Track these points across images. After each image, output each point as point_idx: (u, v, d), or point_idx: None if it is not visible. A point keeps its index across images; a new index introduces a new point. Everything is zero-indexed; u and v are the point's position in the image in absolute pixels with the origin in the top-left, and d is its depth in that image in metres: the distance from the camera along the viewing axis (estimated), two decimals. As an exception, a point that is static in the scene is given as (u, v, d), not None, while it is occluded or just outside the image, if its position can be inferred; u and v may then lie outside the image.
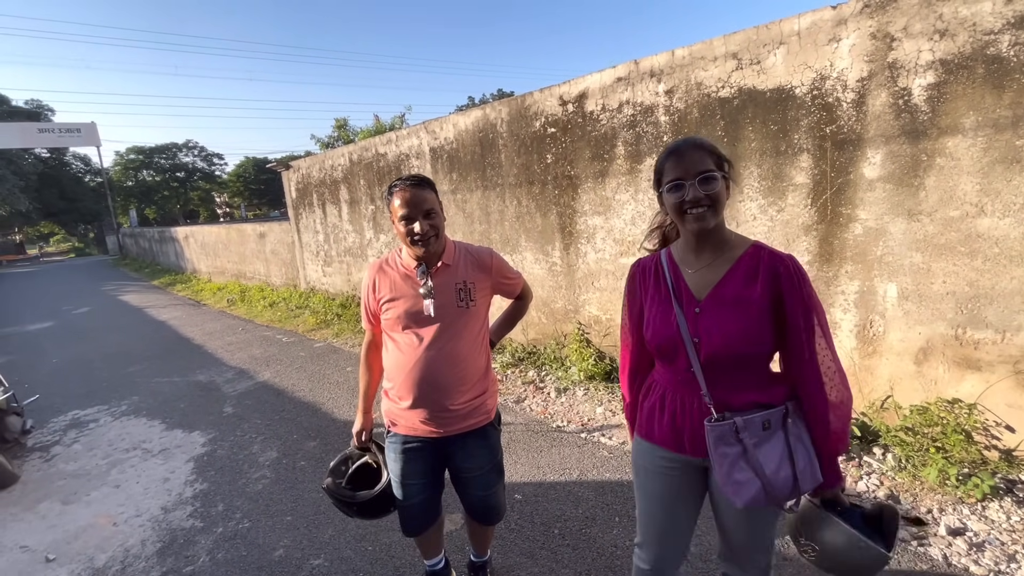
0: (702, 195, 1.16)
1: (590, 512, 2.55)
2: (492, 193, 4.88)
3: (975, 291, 2.49)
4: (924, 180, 2.54)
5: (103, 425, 4.18)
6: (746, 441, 1.17)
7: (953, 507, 2.38)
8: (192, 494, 3.03)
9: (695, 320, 1.23)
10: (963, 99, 2.39)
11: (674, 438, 1.31)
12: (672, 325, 1.26)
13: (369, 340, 1.88)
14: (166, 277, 14.98)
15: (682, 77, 3.33)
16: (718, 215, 1.20)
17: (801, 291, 1.19)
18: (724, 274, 1.23)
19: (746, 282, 1.21)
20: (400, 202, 1.59)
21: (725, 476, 1.19)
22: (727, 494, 1.21)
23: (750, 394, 1.23)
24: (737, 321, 1.19)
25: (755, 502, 1.19)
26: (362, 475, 1.92)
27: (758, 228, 3.15)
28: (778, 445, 1.19)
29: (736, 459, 1.18)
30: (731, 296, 1.21)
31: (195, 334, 7.28)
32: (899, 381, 2.80)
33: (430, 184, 1.67)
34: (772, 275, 1.19)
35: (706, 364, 1.22)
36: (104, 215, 34.52)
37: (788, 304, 1.18)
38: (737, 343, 1.19)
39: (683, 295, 1.27)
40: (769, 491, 1.17)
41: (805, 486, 1.20)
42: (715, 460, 1.20)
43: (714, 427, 1.19)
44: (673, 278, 1.30)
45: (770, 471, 1.17)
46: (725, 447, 1.18)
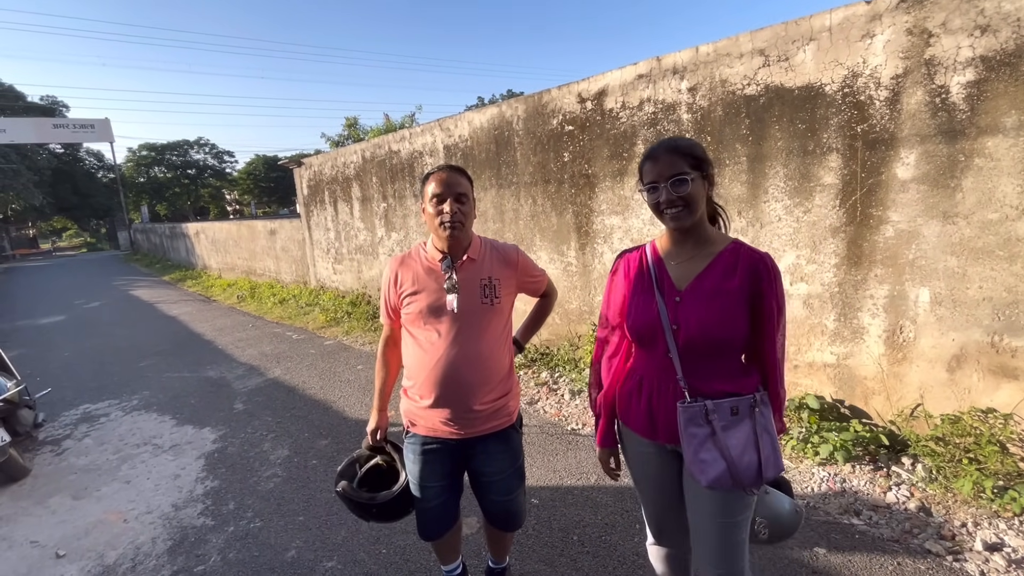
0: (675, 196, 1.24)
1: (609, 519, 2.48)
2: (507, 192, 4.82)
3: (1014, 297, 2.39)
4: (961, 181, 2.45)
5: (114, 420, 4.16)
6: (715, 423, 1.24)
7: (989, 521, 2.29)
8: (203, 491, 2.99)
9: (675, 308, 1.30)
10: (1005, 97, 2.30)
11: (649, 423, 1.38)
12: (653, 312, 1.33)
13: (387, 335, 1.82)
14: (177, 273, 15.06)
15: (706, 74, 3.26)
16: (694, 214, 1.27)
17: (775, 288, 1.28)
18: (704, 267, 1.30)
19: (725, 275, 1.28)
20: (435, 183, 1.57)
21: (692, 455, 1.26)
22: (693, 472, 1.27)
23: (721, 383, 1.29)
24: (715, 310, 1.26)
25: (719, 482, 1.24)
26: (373, 478, 1.85)
27: (783, 229, 3.06)
28: (744, 431, 1.26)
29: (704, 439, 1.25)
30: (710, 287, 1.28)
31: (205, 330, 7.28)
32: (930, 389, 2.70)
33: (466, 173, 1.64)
34: (751, 271, 1.27)
35: (683, 350, 1.29)
36: (116, 211, 34.83)
37: (766, 299, 1.26)
38: (713, 330, 1.26)
39: (665, 285, 1.34)
40: (734, 473, 1.23)
41: (768, 473, 1.26)
42: (684, 440, 1.27)
43: (686, 408, 1.26)
44: (656, 269, 1.37)
45: (735, 454, 1.23)
46: (694, 428, 1.25)
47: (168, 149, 43.54)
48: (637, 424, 1.42)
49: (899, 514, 2.41)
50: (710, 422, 1.25)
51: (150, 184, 42.96)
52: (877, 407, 2.90)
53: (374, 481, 1.84)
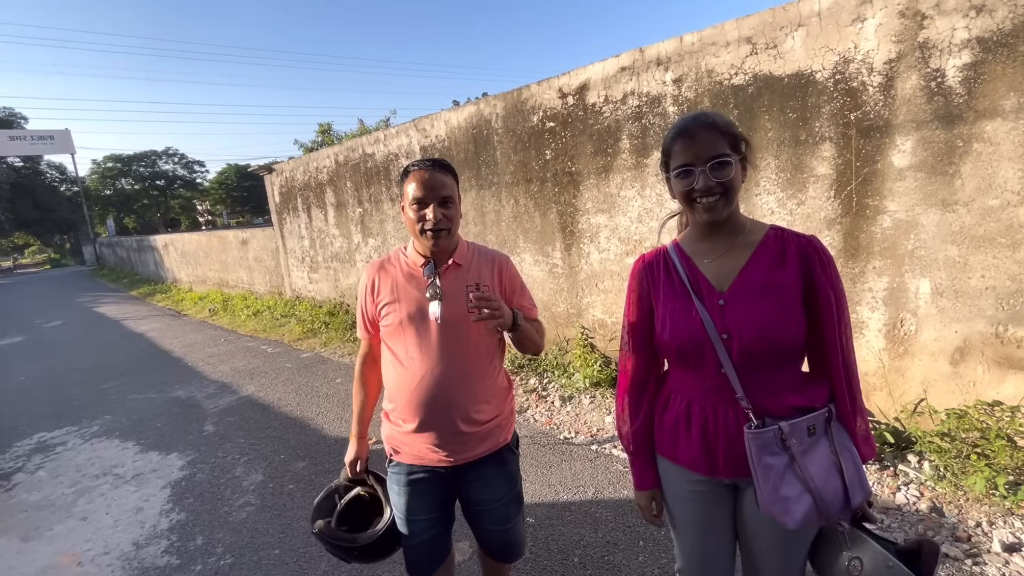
0: (714, 183, 1.05)
1: (611, 536, 2.33)
2: (487, 192, 4.65)
3: (1018, 285, 2.31)
4: (960, 167, 2.37)
5: (71, 448, 3.85)
6: (794, 449, 1.03)
7: (1004, 519, 2.20)
8: (168, 526, 2.74)
9: (721, 314, 1.09)
10: (1003, 79, 2.22)
11: (706, 457, 1.15)
12: (694, 322, 1.11)
13: (365, 352, 1.64)
14: (145, 287, 14.48)
15: (691, 64, 3.14)
16: (731, 203, 1.08)
17: (830, 274, 1.09)
18: (748, 260, 1.10)
19: (774, 266, 1.08)
20: (416, 184, 1.37)
21: (771, 492, 1.03)
22: (773, 514, 1.04)
23: (790, 397, 1.08)
24: (770, 309, 1.06)
25: (808, 520, 1.02)
26: (355, 511, 1.66)
27: (777, 223, 2.95)
28: (824, 453, 1.05)
29: (784, 471, 1.03)
30: (759, 282, 1.08)
31: (174, 346, 6.93)
32: (933, 383, 2.62)
33: (451, 169, 1.44)
34: (802, 256, 1.08)
35: (740, 363, 1.07)
36: (81, 225, 33.56)
37: (820, 289, 1.07)
38: (774, 334, 1.05)
39: (702, 287, 1.13)
40: (821, 506, 1.02)
41: (856, 498, 1.05)
42: (759, 474, 1.04)
43: (756, 435, 1.03)
44: (687, 270, 1.15)
45: (820, 483, 1.02)
46: (770, 457, 1.03)
47: (135, 160, 42.22)
48: (689, 459, 1.17)
49: (911, 516, 2.31)
50: (788, 448, 1.03)
51: (116, 196, 41.59)
52: (879, 403, 2.81)
53: (356, 515, 1.65)
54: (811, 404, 1.09)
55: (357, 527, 1.62)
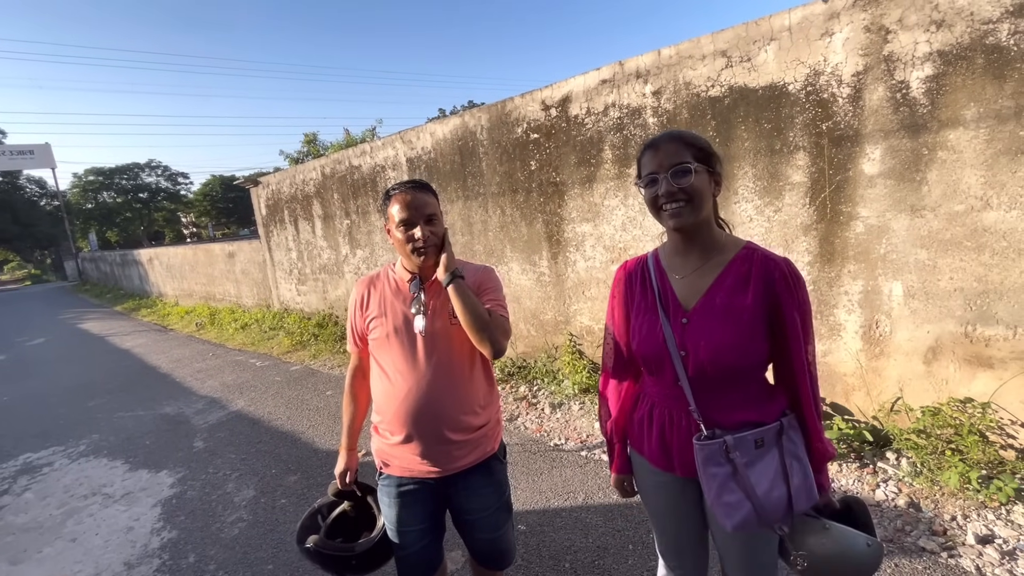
0: (675, 188, 1.10)
1: (601, 541, 2.37)
2: (474, 203, 4.70)
3: (984, 287, 2.41)
4: (926, 174, 2.47)
5: (58, 469, 3.81)
6: (737, 461, 1.09)
7: (977, 512, 2.28)
8: (159, 544, 2.73)
9: (682, 331, 1.15)
10: (963, 90, 2.33)
11: (663, 455, 1.25)
12: (658, 336, 1.18)
13: (355, 365, 1.68)
14: (130, 302, 14.29)
15: (669, 77, 3.23)
16: (697, 211, 1.12)
17: (797, 296, 1.12)
18: (714, 280, 1.15)
19: (737, 289, 1.13)
20: (400, 206, 1.43)
21: (715, 498, 1.12)
22: (716, 516, 1.14)
23: (741, 412, 1.15)
24: (727, 332, 1.11)
25: (745, 526, 1.11)
26: (340, 528, 1.68)
27: (755, 229, 3.05)
28: (772, 463, 1.11)
29: (726, 480, 1.10)
30: (721, 305, 1.13)
31: (161, 362, 6.86)
32: (908, 382, 2.71)
33: (431, 189, 1.52)
34: (766, 281, 1.11)
35: (694, 379, 1.14)
36: (62, 239, 33.02)
37: (786, 311, 1.10)
38: (727, 356, 1.11)
39: (670, 304, 1.19)
40: (761, 513, 1.10)
41: (800, 505, 1.12)
42: (704, 480, 1.13)
43: (703, 446, 1.11)
44: (660, 284, 1.22)
45: (762, 492, 1.09)
46: (714, 467, 1.11)
47: (117, 173, 41.76)
48: (651, 454, 1.28)
49: (890, 512, 2.38)
50: (731, 460, 1.09)
51: (99, 210, 41.04)
52: (858, 403, 2.90)
53: (341, 532, 1.67)
54: (762, 419, 1.14)
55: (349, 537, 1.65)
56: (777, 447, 1.12)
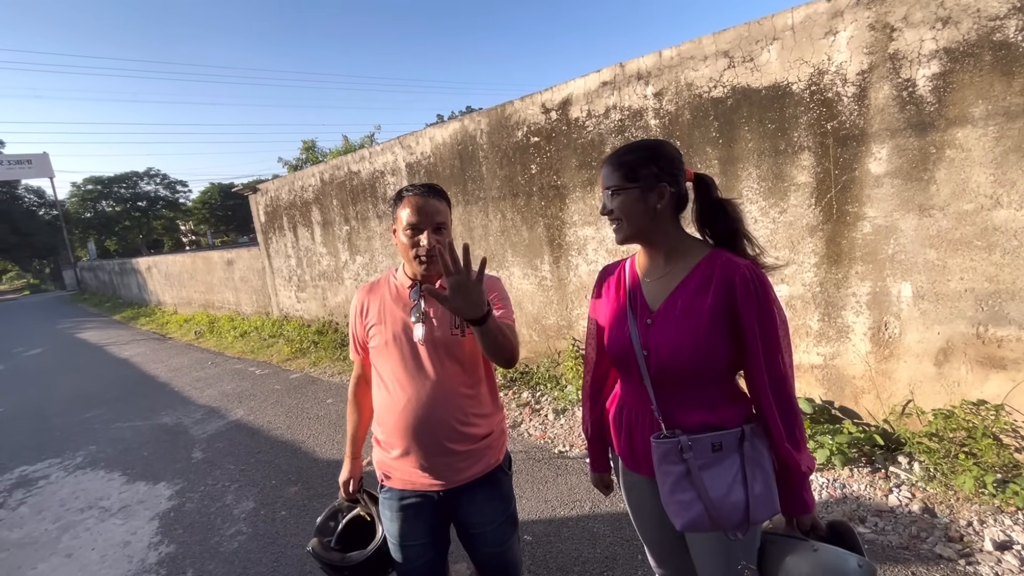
0: (610, 208, 1.19)
1: (609, 551, 2.31)
2: (474, 208, 4.66)
3: (995, 286, 2.37)
4: (934, 173, 2.43)
5: (55, 482, 3.75)
6: (691, 462, 1.11)
7: (994, 518, 2.23)
8: (157, 559, 2.67)
9: (646, 332, 1.19)
10: (971, 88, 2.29)
11: (631, 455, 1.29)
12: (625, 336, 1.22)
13: (358, 374, 1.65)
14: (128, 311, 14.23)
15: (671, 78, 3.20)
16: (627, 228, 1.19)
17: (758, 300, 1.09)
18: (678, 284, 1.17)
19: (698, 292, 1.14)
20: (410, 210, 1.38)
21: (668, 495, 1.14)
22: (668, 513, 1.15)
23: (699, 414, 1.16)
24: (684, 334, 1.12)
25: (696, 525, 1.11)
26: (355, 530, 1.67)
27: (760, 231, 3.01)
28: (731, 468, 1.11)
29: (679, 478, 1.12)
30: (682, 307, 1.15)
31: (160, 371, 6.80)
32: (919, 384, 2.66)
33: (445, 197, 1.46)
34: (725, 284, 1.11)
35: (655, 378, 1.17)
36: (61, 249, 32.98)
37: (744, 315, 1.09)
38: (684, 357, 1.12)
39: (638, 305, 1.23)
40: (713, 515, 1.10)
41: (758, 515, 1.10)
42: (659, 477, 1.15)
43: (659, 443, 1.14)
44: (632, 287, 1.26)
45: (716, 495, 1.09)
46: (668, 465, 1.13)
47: (116, 182, 41.75)
48: (623, 455, 1.33)
49: (904, 518, 2.33)
50: (685, 460, 1.11)
51: (97, 219, 41.00)
52: (868, 406, 2.85)
53: (356, 535, 1.65)
54: (721, 423, 1.14)
55: (357, 547, 1.62)
56: (739, 453, 1.11)
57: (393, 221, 1.45)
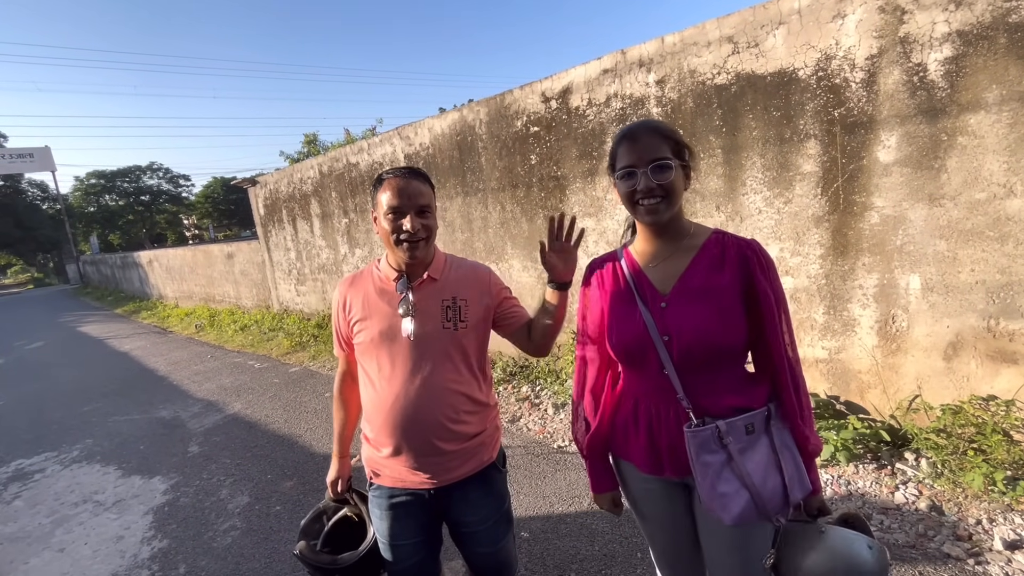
0: (654, 185, 1.07)
1: (608, 549, 2.26)
2: (473, 199, 4.60)
3: (1007, 278, 2.30)
4: (945, 162, 2.36)
5: (50, 475, 3.72)
6: (731, 447, 1.06)
7: (1004, 516, 2.17)
8: (150, 554, 2.64)
9: (662, 316, 1.13)
10: (984, 72, 2.21)
11: (652, 457, 1.19)
12: (638, 324, 1.14)
13: (343, 370, 1.59)
14: (130, 305, 14.24)
15: (674, 65, 3.12)
16: (672, 207, 1.11)
17: (770, 276, 1.11)
18: (688, 264, 1.14)
19: (712, 269, 1.12)
20: (390, 193, 1.31)
21: (710, 489, 1.06)
22: (713, 510, 1.08)
23: (728, 397, 1.11)
24: (708, 312, 1.09)
25: (745, 517, 1.06)
26: (341, 532, 1.61)
27: (764, 222, 2.93)
28: (763, 451, 1.08)
29: (721, 468, 1.06)
30: (698, 286, 1.11)
31: (159, 364, 6.78)
32: (927, 379, 2.59)
33: (427, 178, 1.39)
34: (741, 260, 1.10)
35: (680, 363, 1.11)
36: (64, 243, 33.05)
37: (760, 290, 1.09)
38: (711, 335, 1.08)
39: (646, 290, 1.17)
40: (759, 503, 1.05)
41: (795, 495, 1.09)
42: (698, 471, 1.07)
43: (695, 433, 1.06)
44: (633, 274, 1.20)
45: (758, 480, 1.06)
46: (708, 455, 1.06)
47: (119, 176, 41.77)
48: (638, 458, 1.22)
49: (911, 515, 2.27)
50: (725, 446, 1.05)
51: (100, 213, 41.06)
52: (874, 401, 2.78)
53: (344, 536, 1.60)
54: (750, 404, 1.10)
55: (345, 549, 1.57)
56: (767, 434, 1.09)
57: (373, 208, 1.38)
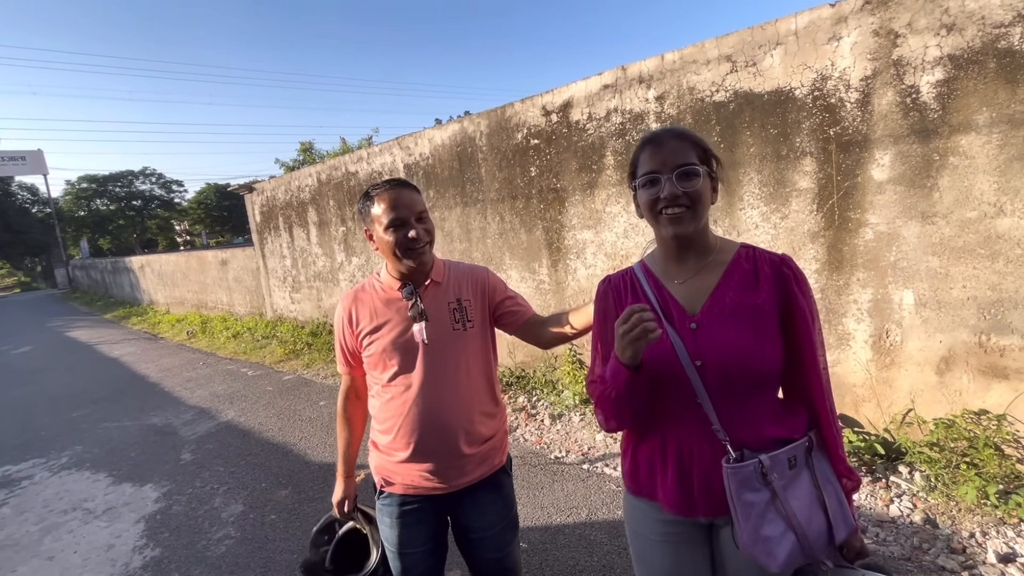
0: (680, 192, 0.98)
1: (607, 559, 2.26)
2: (473, 210, 4.63)
3: (998, 295, 2.35)
4: (937, 180, 2.42)
5: (38, 482, 3.66)
6: (775, 483, 0.94)
7: (997, 529, 2.20)
8: (141, 563, 2.60)
9: (693, 338, 1.01)
10: (975, 95, 2.28)
11: (683, 496, 1.05)
12: (666, 348, 1.02)
13: (347, 387, 1.55)
14: (120, 310, 14.08)
15: (673, 82, 3.19)
16: (698, 218, 1.01)
17: (808, 294, 1.02)
18: (719, 281, 1.04)
19: (747, 287, 1.02)
20: (386, 206, 1.31)
21: (752, 533, 0.94)
22: (756, 556, 0.95)
23: (768, 427, 1.01)
24: (745, 333, 0.99)
25: (791, 562, 0.94)
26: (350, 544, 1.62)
27: (761, 237, 2.98)
28: (806, 487, 0.98)
29: (765, 509, 0.94)
30: (732, 305, 1.01)
31: (150, 371, 6.70)
32: (920, 393, 2.64)
33: (413, 186, 1.41)
34: (777, 277, 1.02)
35: (714, 391, 0.99)
36: (53, 247, 32.70)
37: (798, 310, 1.00)
38: (750, 359, 0.97)
39: (672, 311, 1.05)
40: (804, 545, 0.94)
41: (840, 534, 0.98)
42: (739, 512, 0.95)
43: (736, 470, 0.94)
44: (656, 292, 1.08)
45: (804, 520, 0.95)
46: (750, 494, 0.94)
47: (111, 180, 41.49)
48: (667, 498, 1.07)
49: (905, 528, 2.30)
50: (769, 483, 0.94)
51: (91, 217, 40.70)
52: (868, 414, 2.82)
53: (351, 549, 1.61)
54: (791, 435, 1.01)
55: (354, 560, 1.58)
56: (808, 468, 0.99)
57: (366, 224, 1.39)
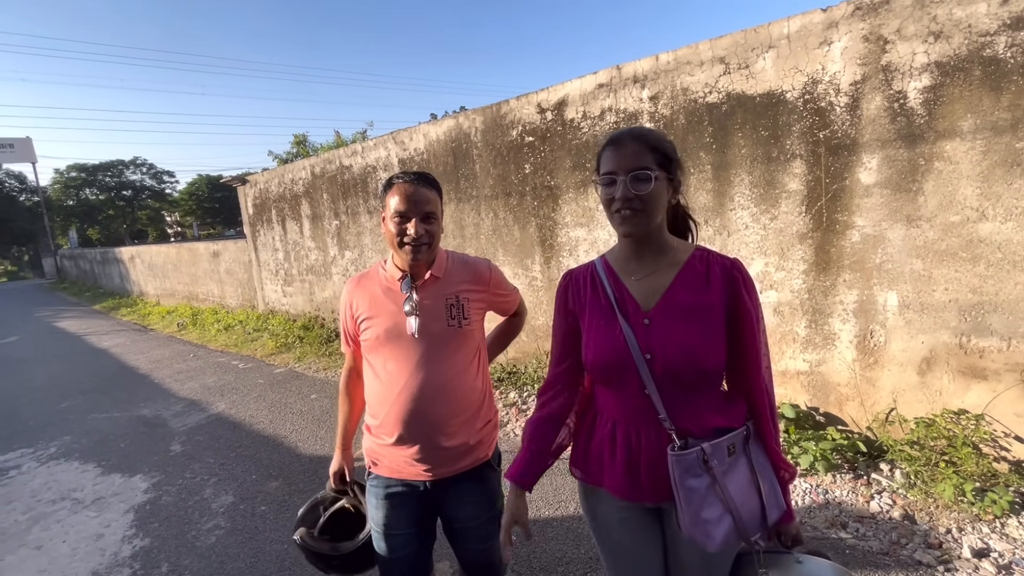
0: (632, 195, 1.03)
1: (593, 552, 2.30)
2: (466, 206, 4.64)
3: (979, 298, 2.41)
4: (923, 185, 2.47)
5: (26, 472, 3.64)
6: (715, 470, 1.03)
7: (972, 526, 2.26)
8: (131, 553, 2.60)
9: (645, 333, 1.08)
10: (960, 102, 2.33)
11: (630, 483, 1.12)
12: (618, 341, 1.09)
13: (349, 366, 1.63)
14: (109, 301, 13.95)
15: (667, 83, 3.22)
16: (651, 219, 1.06)
17: (754, 297, 1.09)
18: (672, 279, 1.10)
19: (698, 288, 1.08)
20: (399, 197, 1.35)
21: (693, 516, 1.02)
22: (696, 537, 1.03)
23: (711, 417, 1.08)
24: (694, 331, 1.06)
25: (727, 542, 1.03)
26: (338, 522, 1.65)
27: (751, 237, 3.03)
28: (743, 472, 1.07)
29: (705, 493, 1.02)
30: (684, 303, 1.08)
31: (140, 362, 6.66)
32: (902, 393, 2.70)
33: (436, 184, 1.44)
34: (727, 280, 1.08)
35: (662, 383, 1.06)
36: (41, 236, 32.28)
37: (744, 311, 1.07)
38: (698, 355, 1.05)
39: (628, 306, 1.12)
40: (740, 527, 1.04)
41: (772, 515, 1.08)
42: (682, 497, 1.03)
43: (680, 457, 1.02)
44: (614, 287, 1.14)
45: (739, 503, 1.04)
46: (692, 480, 1.02)
47: (100, 170, 41.00)
48: (614, 484, 1.14)
49: (885, 524, 2.35)
50: (710, 469, 1.02)
51: (80, 207, 40.24)
52: (852, 413, 2.88)
53: (340, 526, 1.64)
54: (730, 424, 1.09)
55: (340, 539, 1.61)
56: (745, 455, 1.08)
57: (382, 209, 1.42)
